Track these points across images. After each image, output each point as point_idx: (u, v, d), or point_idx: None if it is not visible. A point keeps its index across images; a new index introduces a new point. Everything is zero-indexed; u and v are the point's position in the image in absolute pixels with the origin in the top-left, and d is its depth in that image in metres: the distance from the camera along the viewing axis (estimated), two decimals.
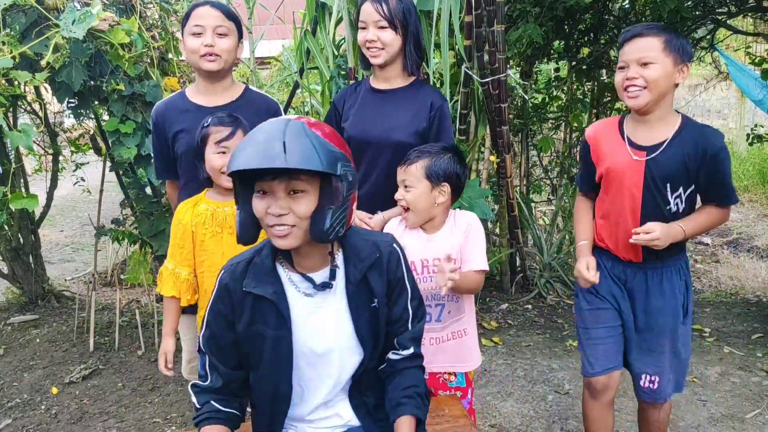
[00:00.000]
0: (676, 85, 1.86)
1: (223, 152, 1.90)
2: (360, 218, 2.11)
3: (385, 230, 2.03)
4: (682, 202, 1.90)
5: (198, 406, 1.45)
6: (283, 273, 1.43)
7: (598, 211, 2.06)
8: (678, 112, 1.92)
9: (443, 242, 1.96)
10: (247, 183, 1.33)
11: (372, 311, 1.45)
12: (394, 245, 1.50)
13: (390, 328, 1.51)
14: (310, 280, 1.41)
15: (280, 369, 1.42)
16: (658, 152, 1.87)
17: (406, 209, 1.95)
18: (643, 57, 1.80)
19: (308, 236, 1.32)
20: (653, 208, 1.90)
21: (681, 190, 1.88)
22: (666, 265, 1.97)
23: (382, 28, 2.07)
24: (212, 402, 1.44)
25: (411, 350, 1.51)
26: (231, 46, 2.07)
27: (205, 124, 1.93)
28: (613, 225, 1.99)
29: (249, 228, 1.36)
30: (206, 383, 1.46)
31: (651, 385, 2.04)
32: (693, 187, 1.89)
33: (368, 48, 2.11)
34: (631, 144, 1.91)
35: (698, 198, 1.95)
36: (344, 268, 1.44)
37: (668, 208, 1.90)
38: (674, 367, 2.04)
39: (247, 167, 1.22)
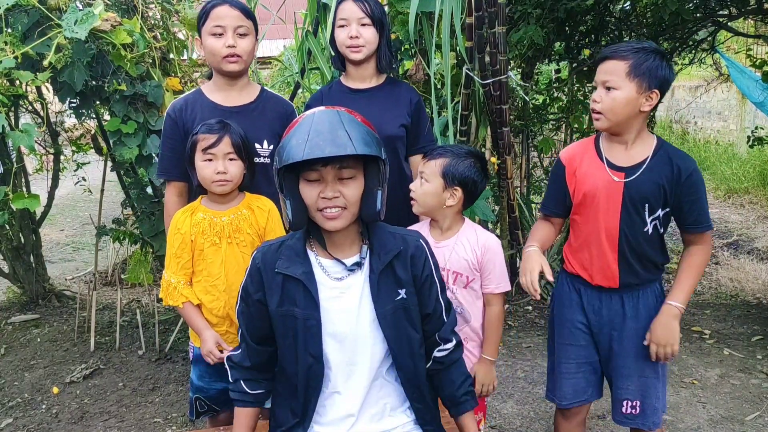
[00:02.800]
0: (644, 112, 1.79)
1: (210, 159, 1.88)
2: None
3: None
4: (660, 225, 1.87)
5: (231, 380, 1.57)
6: (313, 257, 1.48)
7: (573, 238, 1.99)
8: (653, 134, 1.90)
9: (452, 254, 1.93)
10: (292, 172, 1.39)
11: (398, 304, 1.47)
12: (420, 241, 1.53)
13: (426, 326, 1.53)
14: (341, 263, 1.47)
15: (311, 347, 1.46)
16: (637, 173, 1.82)
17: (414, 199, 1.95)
18: (608, 81, 1.78)
19: (355, 218, 1.42)
20: (630, 231, 1.86)
21: (659, 212, 1.84)
22: (643, 286, 1.92)
23: (365, 25, 2.15)
24: (241, 382, 1.54)
25: (453, 341, 1.57)
26: (251, 45, 2.06)
27: (194, 132, 1.91)
28: (588, 251, 1.93)
29: (300, 213, 1.42)
30: (238, 357, 1.55)
31: (633, 411, 1.95)
32: (668, 209, 1.85)
33: (349, 46, 2.16)
34: (610, 165, 1.86)
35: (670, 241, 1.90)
36: (369, 259, 1.48)
37: (645, 230, 1.86)
38: (658, 392, 1.94)
39: (322, 155, 1.28)
